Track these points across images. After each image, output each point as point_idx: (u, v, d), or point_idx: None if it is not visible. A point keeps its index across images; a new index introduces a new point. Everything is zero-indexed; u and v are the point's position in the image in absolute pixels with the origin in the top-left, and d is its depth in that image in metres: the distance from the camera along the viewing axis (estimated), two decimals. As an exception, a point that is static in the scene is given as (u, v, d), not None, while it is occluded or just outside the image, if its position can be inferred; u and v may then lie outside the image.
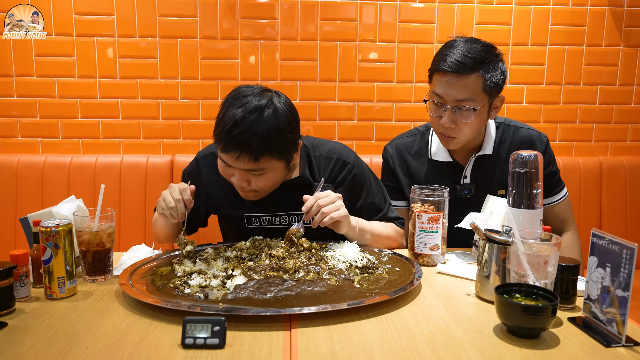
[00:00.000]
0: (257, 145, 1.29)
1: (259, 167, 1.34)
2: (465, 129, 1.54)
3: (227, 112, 1.33)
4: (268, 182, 1.39)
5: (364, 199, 1.58)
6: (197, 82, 2.37)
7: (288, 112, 1.36)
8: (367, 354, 0.91)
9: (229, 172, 1.39)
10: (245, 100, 1.32)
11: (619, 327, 0.94)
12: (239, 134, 1.29)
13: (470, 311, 1.11)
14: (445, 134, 1.58)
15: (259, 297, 1.08)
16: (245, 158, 1.30)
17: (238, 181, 1.38)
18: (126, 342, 0.95)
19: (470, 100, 1.50)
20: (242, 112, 1.30)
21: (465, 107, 1.51)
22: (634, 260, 0.91)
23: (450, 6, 2.40)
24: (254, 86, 1.39)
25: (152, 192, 2.22)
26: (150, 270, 1.27)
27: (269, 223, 1.54)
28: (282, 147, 1.35)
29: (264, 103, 1.32)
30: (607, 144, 2.57)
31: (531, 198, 1.28)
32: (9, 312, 1.06)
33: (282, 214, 1.52)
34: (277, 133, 1.32)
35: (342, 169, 1.55)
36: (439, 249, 1.40)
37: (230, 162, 1.34)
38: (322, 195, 1.38)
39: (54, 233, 1.12)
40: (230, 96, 1.37)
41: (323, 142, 1.61)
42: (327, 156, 1.56)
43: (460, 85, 1.49)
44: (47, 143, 2.36)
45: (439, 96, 1.53)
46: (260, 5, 2.34)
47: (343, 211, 1.38)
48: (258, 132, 1.29)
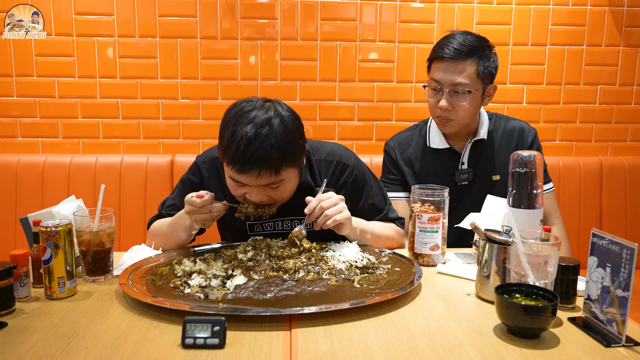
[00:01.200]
0: (276, 158, 1.26)
1: (279, 180, 1.31)
2: (461, 111, 1.67)
3: (236, 131, 1.26)
4: (286, 192, 1.37)
5: (364, 200, 1.58)
6: (197, 82, 2.37)
7: (294, 118, 1.34)
8: (367, 354, 0.91)
9: (243, 191, 1.34)
10: (250, 115, 1.28)
11: (619, 327, 0.94)
12: (256, 151, 1.24)
13: (470, 311, 1.11)
14: (442, 116, 1.69)
15: (259, 297, 1.08)
16: (266, 174, 1.27)
17: (257, 197, 1.33)
18: (126, 342, 0.95)
19: (465, 84, 1.64)
20: (253, 127, 1.25)
21: (461, 90, 1.64)
22: (634, 260, 0.91)
23: (450, 6, 2.40)
24: (252, 99, 1.35)
25: (152, 192, 2.22)
26: (150, 270, 1.27)
27: (271, 229, 1.53)
28: (296, 154, 1.33)
29: (271, 115, 1.29)
30: (607, 144, 2.57)
31: (531, 198, 1.28)
32: (9, 312, 1.06)
33: (285, 219, 1.51)
34: (290, 141, 1.29)
35: (343, 172, 1.55)
36: (439, 249, 1.40)
37: (250, 182, 1.30)
38: (324, 197, 1.37)
39: (54, 233, 1.12)
40: (232, 114, 1.32)
41: (322, 144, 1.60)
42: (328, 159, 1.55)
43: (457, 70, 1.64)
44: (47, 143, 2.36)
45: (437, 81, 1.67)
46: (260, 5, 2.34)
47: (346, 213, 1.37)
48: (273, 144, 1.25)
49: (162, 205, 1.59)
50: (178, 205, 1.52)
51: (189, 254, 1.40)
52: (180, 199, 1.51)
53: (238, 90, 2.38)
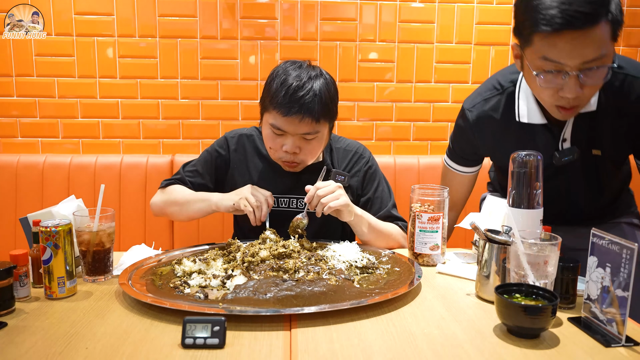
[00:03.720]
0: (319, 107, 1.41)
1: (315, 130, 1.44)
2: (591, 92, 1.24)
3: (286, 79, 1.41)
4: (315, 149, 1.50)
5: (372, 192, 1.64)
6: (197, 82, 2.37)
7: (334, 84, 1.50)
8: (367, 354, 0.91)
9: (280, 140, 1.46)
10: (299, 70, 1.44)
11: (619, 327, 0.94)
12: (302, 97, 1.39)
13: (470, 311, 1.11)
14: (567, 105, 1.25)
15: (259, 297, 1.08)
16: (307, 119, 1.40)
17: (291, 147, 1.45)
18: (126, 342, 0.95)
19: (601, 58, 1.16)
20: (301, 77, 1.42)
21: (596, 68, 1.17)
22: (634, 260, 0.91)
23: (450, 6, 2.40)
24: (298, 61, 1.49)
25: (152, 192, 2.20)
26: (150, 270, 1.27)
27: (286, 205, 1.59)
28: (333, 111, 1.49)
29: (317, 72, 1.46)
30: (607, 144, 2.57)
31: (531, 198, 1.28)
32: (9, 312, 1.06)
33: (300, 196, 1.58)
34: (331, 98, 1.46)
35: (359, 161, 1.66)
36: (439, 249, 1.40)
37: (290, 129, 1.42)
38: (322, 186, 1.43)
39: (54, 233, 1.12)
40: (280, 68, 1.46)
41: (342, 138, 1.73)
42: (346, 149, 1.68)
43: (588, 42, 1.14)
44: (47, 143, 2.36)
45: (556, 62, 1.18)
46: (260, 5, 2.34)
47: (342, 200, 1.41)
48: (318, 95, 1.41)
49: (183, 168, 1.67)
50: (200, 172, 1.64)
51: (189, 254, 1.40)
52: (202, 166, 1.65)
53: (238, 90, 2.38)
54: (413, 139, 2.50)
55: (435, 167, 2.33)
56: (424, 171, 2.32)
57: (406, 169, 2.32)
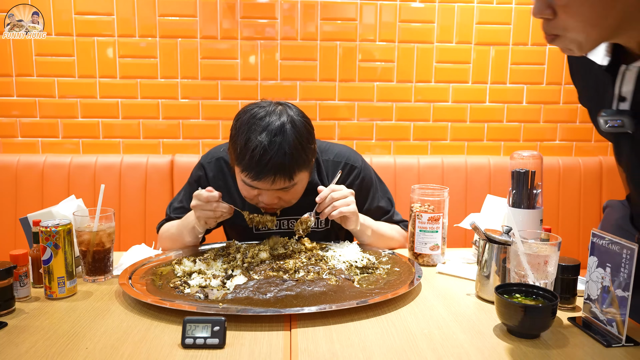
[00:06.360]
0: (290, 164, 1.28)
1: (293, 183, 1.33)
2: None
3: (249, 138, 1.28)
4: (297, 194, 1.39)
5: (370, 203, 1.59)
6: (197, 82, 2.37)
7: (305, 122, 1.36)
8: (367, 354, 0.91)
9: (255, 193, 1.36)
10: (263, 122, 1.29)
11: (619, 327, 0.94)
12: (270, 159, 1.26)
13: (470, 311, 1.11)
14: None
15: (259, 297, 1.08)
16: (280, 180, 1.29)
17: (269, 200, 1.36)
18: (126, 342, 0.95)
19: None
20: (267, 136, 1.27)
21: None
22: (634, 260, 0.91)
23: (450, 6, 2.40)
24: (263, 103, 1.35)
25: (152, 192, 2.22)
26: (150, 270, 1.27)
27: (276, 227, 1.53)
28: (308, 158, 1.35)
29: (284, 120, 1.30)
30: (607, 144, 2.57)
31: (531, 198, 1.28)
32: (9, 312, 1.06)
33: (290, 217, 1.52)
34: (303, 147, 1.31)
35: (350, 173, 1.56)
36: (439, 249, 1.40)
37: (265, 185, 1.31)
38: (337, 189, 1.41)
39: (54, 233, 1.12)
40: (244, 120, 1.32)
41: (330, 145, 1.62)
42: (336, 160, 1.57)
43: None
44: (47, 143, 2.36)
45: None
46: (260, 5, 2.34)
47: (353, 207, 1.40)
48: (287, 152, 1.27)
49: (170, 207, 1.60)
50: (186, 207, 1.52)
51: (188, 254, 1.40)
52: (187, 201, 1.50)
53: (238, 90, 2.38)
54: (413, 139, 2.49)
55: (435, 167, 2.33)
56: (424, 171, 2.33)
57: (406, 169, 2.32)
